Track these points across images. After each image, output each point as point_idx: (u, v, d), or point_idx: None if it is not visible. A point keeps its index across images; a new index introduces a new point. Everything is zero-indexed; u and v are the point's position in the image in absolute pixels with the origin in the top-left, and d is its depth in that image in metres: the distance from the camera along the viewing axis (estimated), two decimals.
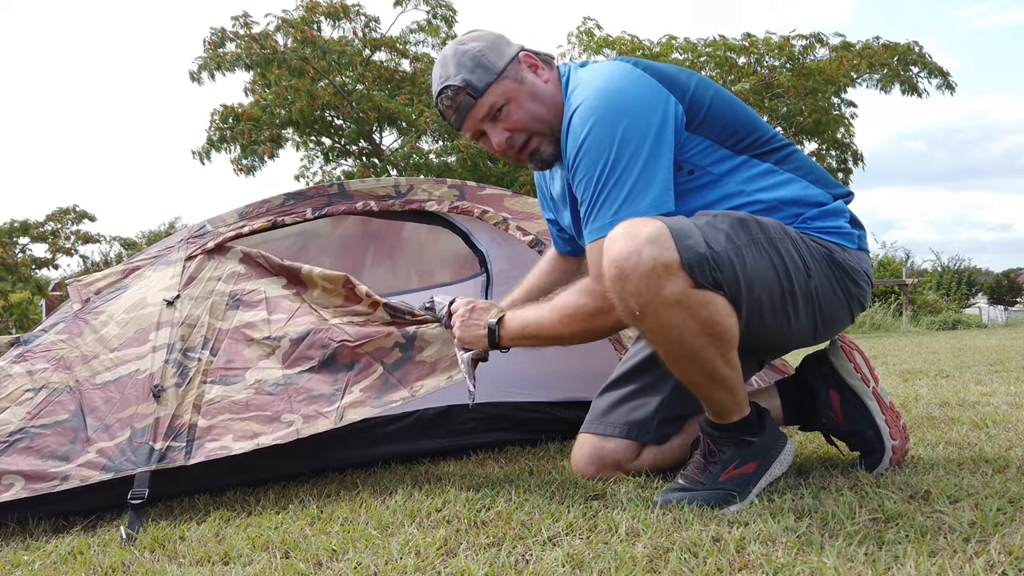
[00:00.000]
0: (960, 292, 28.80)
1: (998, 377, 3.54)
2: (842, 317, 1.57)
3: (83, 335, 1.82)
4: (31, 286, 17.77)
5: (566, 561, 1.13)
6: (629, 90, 1.44)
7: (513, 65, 1.56)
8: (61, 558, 1.35)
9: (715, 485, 1.42)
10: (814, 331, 1.54)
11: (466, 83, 1.54)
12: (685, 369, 1.40)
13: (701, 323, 1.33)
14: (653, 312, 1.31)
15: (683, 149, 1.47)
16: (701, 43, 14.88)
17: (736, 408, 1.45)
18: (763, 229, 1.43)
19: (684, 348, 1.35)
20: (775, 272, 1.41)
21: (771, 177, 1.53)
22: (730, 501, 1.40)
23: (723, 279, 1.34)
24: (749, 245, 1.39)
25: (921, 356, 5.46)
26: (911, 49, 14.56)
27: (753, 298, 1.39)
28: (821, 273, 1.48)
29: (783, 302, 1.44)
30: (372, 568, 1.16)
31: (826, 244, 1.51)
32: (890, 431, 1.60)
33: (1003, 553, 1.05)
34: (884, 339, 10.30)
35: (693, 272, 1.31)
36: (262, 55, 12.63)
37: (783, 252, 1.43)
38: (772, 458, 1.47)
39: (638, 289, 1.30)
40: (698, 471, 1.46)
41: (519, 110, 1.55)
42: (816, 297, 1.48)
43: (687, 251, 1.30)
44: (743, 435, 1.45)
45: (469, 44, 1.57)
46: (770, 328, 1.47)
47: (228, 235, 1.97)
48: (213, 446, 1.65)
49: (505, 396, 2.24)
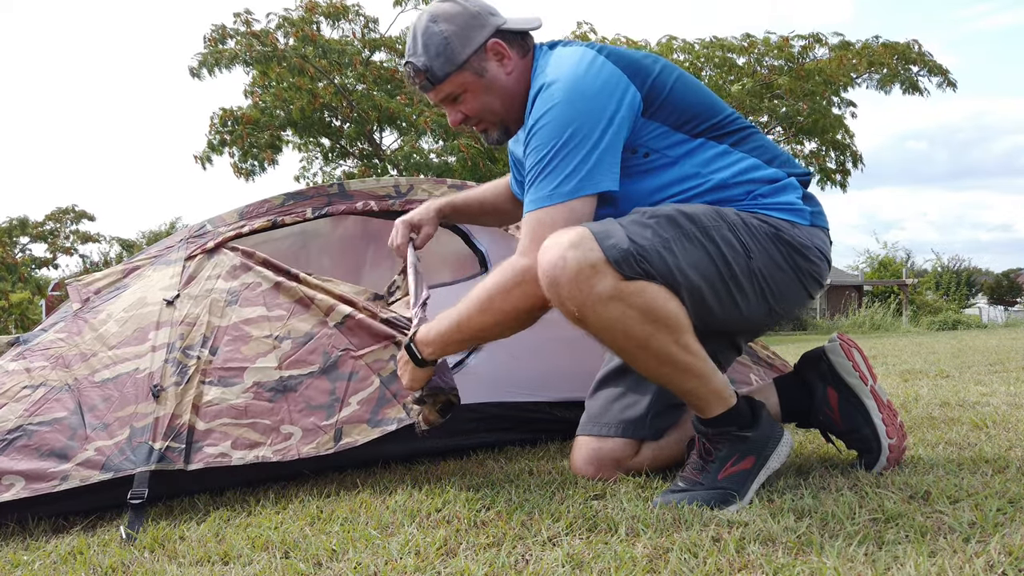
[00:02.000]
0: (960, 292, 28.81)
1: (998, 377, 3.54)
2: (795, 293, 1.56)
3: (82, 334, 1.82)
4: (31, 286, 17.77)
5: (566, 561, 1.13)
6: (591, 77, 1.48)
7: (478, 55, 1.59)
8: (61, 558, 1.35)
9: (714, 484, 1.42)
10: (768, 309, 1.54)
11: (427, 68, 1.59)
12: (643, 362, 1.41)
13: (641, 312, 1.35)
14: (591, 310, 1.35)
15: (639, 134, 1.52)
16: (699, 44, 14.88)
17: (715, 398, 1.44)
18: (692, 220, 1.44)
19: (632, 340, 1.37)
20: (710, 259, 1.43)
21: (726, 158, 1.56)
22: (729, 500, 1.40)
23: (653, 270, 1.37)
24: (678, 238, 1.41)
25: (921, 356, 5.46)
26: (911, 48, 14.56)
27: (691, 285, 1.41)
28: (764, 252, 1.49)
29: (725, 286, 1.46)
30: (372, 568, 1.16)
31: (773, 222, 1.52)
32: (887, 429, 1.61)
33: (1003, 553, 1.05)
34: (884, 339, 10.30)
35: (620, 267, 1.34)
36: (262, 53, 12.63)
37: (717, 239, 1.45)
38: (769, 451, 1.46)
39: (571, 292, 1.34)
40: (696, 471, 1.46)
41: (474, 100, 1.62)
42: (761, 276, 1.49)
43: (611, 249, 1.35)
44: (736, 430, 1.45)
45: (440, 25, 1.58)
46: (719, 312, 1.47)
47: (228, 235, 1.97)
48: (212, 451, 1.65)
49: (505, 396, 2.24)
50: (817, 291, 1.61)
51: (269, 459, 1.67)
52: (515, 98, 1.61)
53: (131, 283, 1.95)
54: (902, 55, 14.46)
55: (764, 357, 2.55)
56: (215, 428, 1.68)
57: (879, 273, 31.11)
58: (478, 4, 1.62)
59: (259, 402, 1.73)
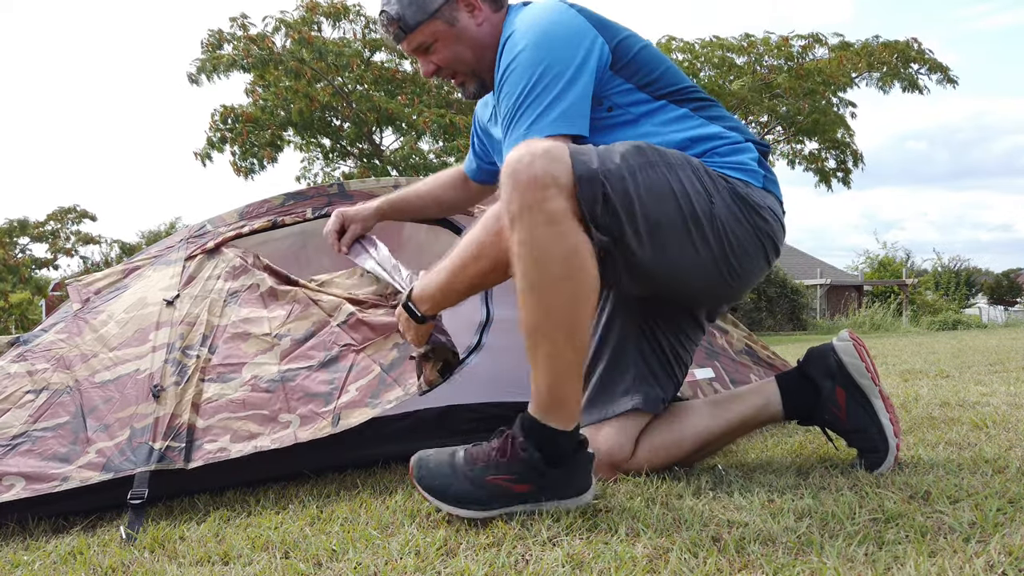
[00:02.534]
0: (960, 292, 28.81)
1: (998, 377, 3.54)
2: (754, 251, 1.54)
3: (83, 334, 1.82)
4: (31, 286, 17.78)
5: (566, 561, 1.13)
6: (560, 23, 1.51)
7: (449, 4, 1.63)
8: (61, 558, 1.35)
9: (479, 481, 1.35)
10: (727, 265, 1.50)
11: (399, 16, 1.63)
12: (533, 303, 1.32)
13: (567, 250, 1.30)
14: (527, 220, 1.30)
15: (605, 86, 1.54)
16: (699, 43, 14.88)
17: (555, 404, 1.35)
18: (661, 154, 1.44)
19: (543, 272, 1.30)
20: (673, 194, 1.42)
21: (687, 121, 1.57)
22: (466, 505, 1.34)
23: (613, 193, 1.35)
24: (644, 166, 1.41)
25: (921, 356, 5.46)
26: (910, 47, 14.56)
27: (651, 217, 1.40)
28: (726, 201, 1.48)
29: (685, 226, 1.43)
30: (372, 568, 1.16)
31: (729, 179, 1.52)
32: (894, 428, 1.60)
33: (1003, 553, 1.05)
34: (884, 339, 10.30)
35: (582, 184, 1.32)
36: (259, 56, 12.64)
37: (682, 177, 1.44)
38: (550, 496, 1.37)
39: (521, 193, 1.30)
40: (481, 456, 1.38)
41: (445, 50, 1.65)
42: (722, 224, 1.47)
43: (579, 165, 1.34)
44: (539, 455, 1.35)
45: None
46: (678, 254, 1.45)
47: (228, 235, 1.97)
48: (212, 447, 1.64)
49: (505, 396, 2.24)
50: (773, 256, 1.58)
51: (268, 447, 1.66)
52: (486, 49, 1.64)
53: (131, 283, 1.95)
54: (902, 53, 14.46)
55: (764, 357, 2.55)
56: (214, 424, 1.67)
57: (879, 273, 31.11)
58: None
59: (257, 394, 1.72)
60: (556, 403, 1.35)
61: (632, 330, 1.66)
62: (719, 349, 2.39)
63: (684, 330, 1.68)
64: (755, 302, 19.03)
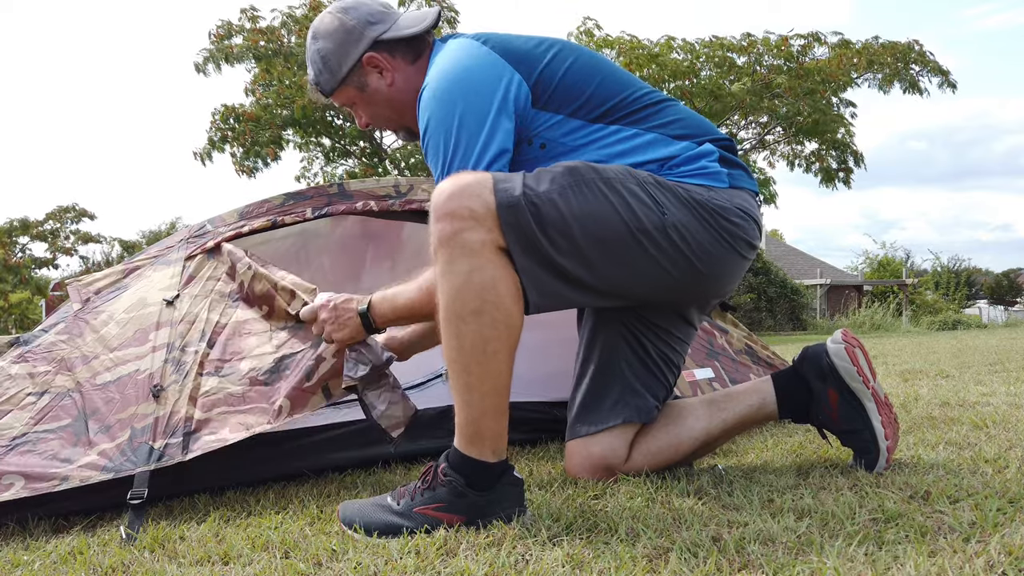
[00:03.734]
0: (960, 292, 28.81)
1: (998, 377, 3.54)
2: (722, 253, 1.50)
3: (83, 335, 1.82)
4: (31, 286, 17.78)
5: (566, 561, 1.13)
6: (471, 70, 1.47)
7: (356, 71, 1.63)
8: (61, 558, 1.35)
9: (407, 513, 1.33)
10: (692, 270, 1.48)
11: (316, 82, 1.68)
12: (450, 335, 1.32)
13: (484, 283, 1.29)
14: (446, 253, 1.30)
15: (531, 124, 1.50)
16: (699, 43, 14.88)
17: (476, 437, 1.33)
18: (597, 171, 1.41)
19: (459, 304, 1.30)
20: (614, 210, 1.39)
21: (629, 141, 1.53)
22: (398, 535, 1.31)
23: (546, 218, 1.33)
24: (577, 185, 1.38)
25: (921, 356, 5.46)
26: (911, 48, 14.57)
27: (593, 235, 1.37)
28: (681, 210, 1.45)
29: (634, 239, 1.41)
30: (372, 568, 1.16)
31: (687, 186, 1.48)
32: (885, 432, 1.59)
33: (1003, 553, 1.05)
34: (884, 339, 10.30)
35: (502, 211, 1.31)
36: (268, 49, 12.67)
37: (624, 191, 1.41)
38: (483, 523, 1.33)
39: (441, 226, 1.31)
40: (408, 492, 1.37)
41: (365, 112, 1.70)
42: (679, 231, 1.44)
43: (500, 193, 1.32)
44: (463, 482, 1.32)
45: (319, 42, 1.64)
46: (632, 268, 1.43)
47: (228, 235, 1.97)
48: (211, 439, 1.63)
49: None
50: (749, 252, 1.56)
51: (266, 429, 1.64)
52: (404, 105, 1.64)
53: (131, 283, 1.95)
54: (902, 55, 14.47)
55: (764, 357, 2.55)
56: (214, 417, 1.66)
57: (879, 273, 31.11)
58: (357, 15, 1.62)
59: (256, 387, 1.71)
60: (477, 436, 1.34)
61: (616, 342, 1.64)
62: (719, 349, 2.40)
63: (673, 332, 1.66)
64: (755, 302, 19.03)
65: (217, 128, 13.52)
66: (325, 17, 1.65)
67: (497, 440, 1.35)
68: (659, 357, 1.65)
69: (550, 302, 1.41)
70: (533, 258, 1.35)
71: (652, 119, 1.55)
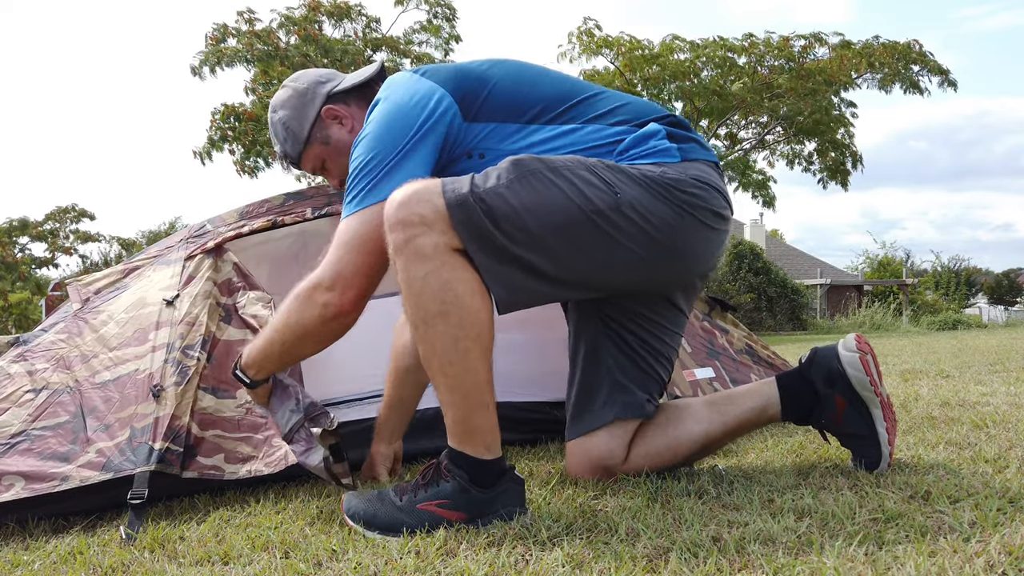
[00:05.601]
0: (960, 292, 28.81)
1: (998, 377, 3.54)
2: (687, 225, 1.47)
3: (83, 335, 1.82)
4: (31, 285, 17.78)
5: (566, 561, 1.13)
6: (397, 103, 1.48)
7: (317, 127, 1.67)
8: (61, 558, 1.35)
9: (409, 508, 1.34)
10: (656, 246, 1.45)
11: (284, 153, 1.72)
12: (421, 341, 1.34)
13: (441, 284, 1.30)
14: (403, 260, 1.32)
15: (466, 138, 1.50)
16: (701, 43, 14.89)
17: (468, 435, 1.34)
18: (544, 161, 1.40)
19: (421, 309, 1.32)
20: (565, 196, 1.37)
21: (569, 136, 1.51)
22: (398, 532, 1.32)
23: (497, 212, 1.33)
24: (524, 176, 1.37)
25: (921, 356, 5.46)
26: (911, 48, 14.58)
27: (548, 223, 1.36)
28: (633, 189, 1.43)
29: (591, 222, 1.39)
30: (372, 568, 1.16)
31: (639, 167, 1.47)
32: (888, 437, 1.58)
33: (1003, 553, 1.05)
34: (884, 339, 10.31)
35: (452, 211, 1.31)
36: (264, 51, 12.65)
37: (572, 177, 1.39)
38: (485, 522, 1.33)
39: (395, 234, 1.32)
40: (411, 487, 1.38)
41: (335, 166, 1.70)
42: (635, 208, 1.41)
43: (449, 194, 1.33)
44: (466, 479, 1.33)
45: (279, 113, 1.70)
46: (592, 252, 1.41)
47: (228, 235, 1.97)
48: (206, 462, 1.67)
49: (505, 396, 2.22)
50: (716, 221, 1.52)
51: (262, 472, 1.69)
52: None
53: (131, 283, 1.95)
54: (902, 55, 14.48)
55: (764, 357, 2.56)
56: (208, 438, 1.69)
57: (879, 273, 31.13)
58: (308, 79, 1.69)
59: (252, 418, 1.74)
60: (468, 433, 1.35)
61: (599, 340, 1.62)
62: (719, 349, 2.40)
63: (658, 322, 1.62)
64: (755, 302, 19.03)
65: (217, 127, 13.51)
66: (278, 92, 1.71)
67: (488, 435, 1.36)
68: (645, 351, 1.62)
69: (520, 297, 1.40)
70: (491, 254, 1.34)
71: (589, 111, 1.53)
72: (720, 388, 2.20)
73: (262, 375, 1.55)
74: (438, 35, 14.32)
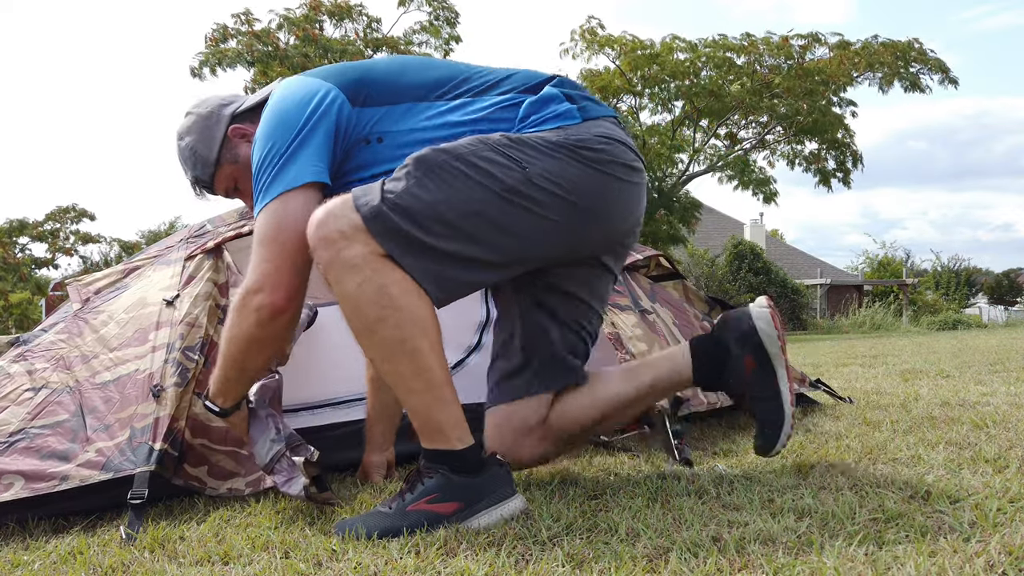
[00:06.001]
0: (960, 292, 28.81)
1: (998, 377, 3.54)
2: (601, 184, 1.47)
3: (83, 335, 1.82)
4: (31, 286, 17.77)
5: (566, 561, 1.13)
6: (285, 98, 1.49)
7: (226, 148, 1.64)
8: (61, 558, 1.35)
9: (400, 513, 1.34)
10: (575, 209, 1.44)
11: (196, 179, 1.68)
12: (369, 348, 1.37)
13: (376, 290, 1.32)
14: (334, 275, 1.33)
15: (360, 124, 1.49)
16: (701, 43, 14.88)
17: (435, 432, 1.37)
18: (447, 152, 1.40)
19: (361, 318, 1.33)
20: (476, 182, 1.38)
21: (465, 111, 1.50)
22: (399, 535, 1.31)
23: (411, 216, 1.34)
24: (431, 170, 1.37)
25: (921, 356, 5.47)
26: (911, 47, 14.58)
27: (462, 213, 1.37)
28: (540, 158, 1.42)
29: (507, 201, 1.39)
30: (372, 568, 1.16)
31: (542, 135, 1.46)
32: (791, 397, 1.57)
33: (1003, 553, 1.05)
34: (884, 339, 10.30)
35: (371, 223, 1.32)
36: (263, 52, 12.65)
37: (477, 161, 1.39)
38: (481, 507, 1.35)
39: (320, 253, 1.33)
40: (397, 496, 1.39)
41: (246, 185, 1.65)
42: (545, 178, 1.41)
43: (364, 207, 1.33)
44: (448, 470, 1.35)
45: (185, 139, 1.66)
46: (522, 229, 1.41)
47: (228, 235, 1.97)
48: (192, 472, 1.68)
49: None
50: (629, 174, 1.51)
51: (242, 492, 1.70)
52: None
53: (131, 283, 1.95)
54: (902, 53, 14.48)
55: None
56: (196, 445, 1.70)
57: (879, 273, 31.12)
58: (210, 104, 1.67)
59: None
60: (436, 431, 1.37)
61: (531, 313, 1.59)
62: None
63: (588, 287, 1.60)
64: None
65: None
66: (183, 120, 1.69)
67: (456, 427, 1.37)
68: (575, 319, 1.61)
69: (455, 288, 1.41)
70: (417, 255, 1.35)
71: (478, 84, 1.54)
72: None
73: (230, 401, 1.56)
74: (438, 36, 14.32)
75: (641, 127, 16.06)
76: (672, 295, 2.49)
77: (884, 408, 2.59)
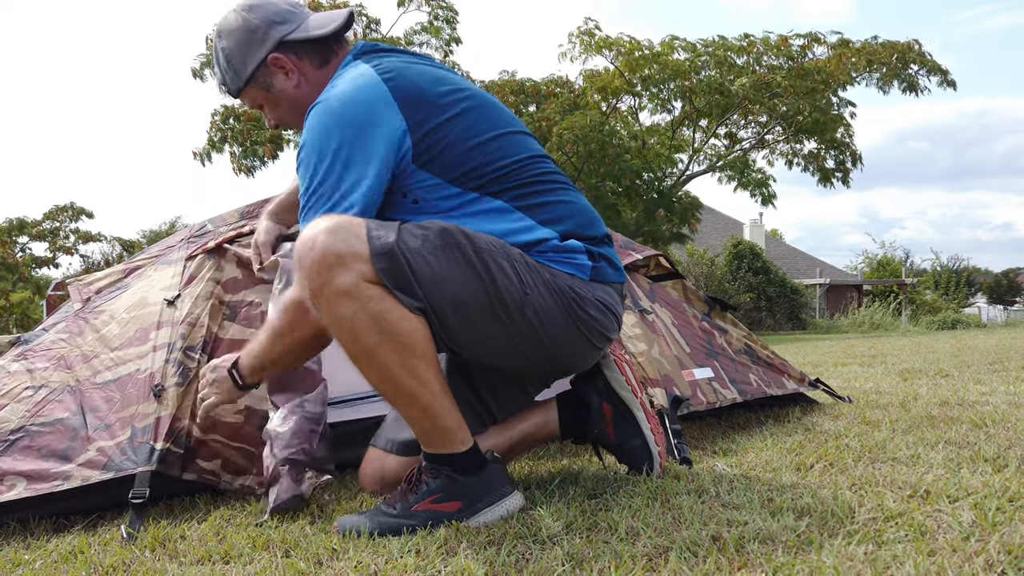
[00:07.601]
0: (959, 292, 28.81)
1: (997, 376, 3.55)
2: (576, 342, 1.50)
3: (84, 334, 1.82)
4: (31, 285, 17.76)
5: (566, 560, 1.13)
6: (358, 104, 1.42)
7: (262, 71, 1.57)
8: (62, 557, 1.35)
9: (405, 513, 1.37)
10: (548, 354, 1.48)
11: (222, 82, 1.64)
12: (367, 372, 1.35)
13: (372, 318, 1.30)
14: (324, 300, 1.31)
15: (409, 180, 1.45)
16: (701, 43, 14.88)
17: (439, 437, 1.38)
18: (469, 238, 1.39)
19: (358, 345, 1.32)
20: (478, 279, 1.37)
21: (501, 218, 1.47)
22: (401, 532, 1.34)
23: (412, 274, 1.32)
24: (449, 247, 1.36)
25: (920, 355, 5.47)
26: (910, 48, 14.58)
27: (457, 295, 1.36)
28: (543, 294, 1.43)
29: (493, 312, 1.39)
30: (372, 567, 1.16)
31: (554, 272, 1.47)
32: (655, 438, 1.63)
33: (1003, 552, 1.06)
34: (884, 339, 10.31)
35: (376, 258, 1.30)
36: None
37: (490, 263, 1.38)
38: (482, 504, 1.38)
39: (311, 275, 1.30)
40: (398, 496, 1.40)
41: (271, 112, 1.64)
42: (537, 313, 1.42)
43: (376, 241, 1.31)
44: (451, 470, 1.38)
45: (223, 41, 1.59)
46: (484, 335, 1.41)
47: (229, 235, 1.97)
48: (205, 467, 1.69)
49: None
50: (603, 343, 1.55)
51: (254, 489, 1.72)
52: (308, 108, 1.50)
53: (132, 283, 1.95)
54: (902, 54, 14.48)
55: (763, 356, 2.56)
56: (208, 441, 1.70)
57: (878, 273, 31.13)
58: (262, 13, 1.57)
59: (249, 427, 1.74)
60: (440, 437, 1.38)
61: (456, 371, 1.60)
62: (718, 349, 2.40)
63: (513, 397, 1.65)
64: (754, 302, 19.04)
65: (217, 129, 13.53)
66: (229, 15, 1.59)
67: (457, 431, 1.39)
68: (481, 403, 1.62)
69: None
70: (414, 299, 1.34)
71: (531, 198, 1.50)
72: (719, 388, 2.20)
73: (255, 379, 1.55)
74: (439, 37, 14.31)
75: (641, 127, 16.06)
76: (671, 295, 2.49)
77: (883, 407, 2.59)
